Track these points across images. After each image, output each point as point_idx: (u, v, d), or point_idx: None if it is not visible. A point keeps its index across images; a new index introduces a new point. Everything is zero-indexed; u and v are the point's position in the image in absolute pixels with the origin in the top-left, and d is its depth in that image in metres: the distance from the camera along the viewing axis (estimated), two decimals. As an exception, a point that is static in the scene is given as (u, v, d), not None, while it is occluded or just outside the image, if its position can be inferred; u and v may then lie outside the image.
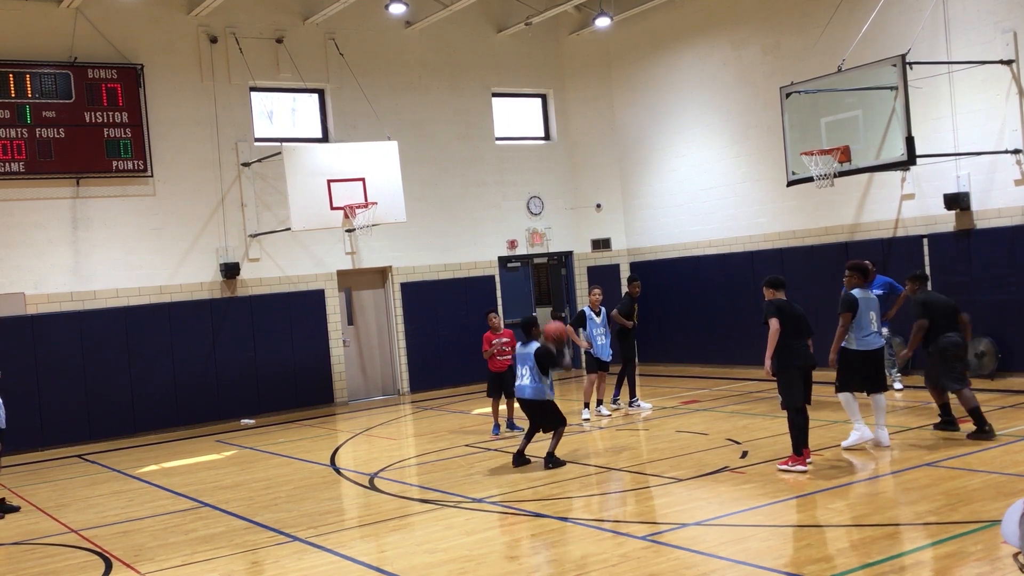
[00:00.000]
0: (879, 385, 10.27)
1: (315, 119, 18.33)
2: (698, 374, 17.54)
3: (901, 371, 14.26)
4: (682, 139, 19.09)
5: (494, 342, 12.79)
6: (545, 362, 10.47)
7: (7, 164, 15.25)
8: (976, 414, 10.15)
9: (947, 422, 10.65)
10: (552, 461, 10.36)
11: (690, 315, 19.03)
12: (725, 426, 12.22)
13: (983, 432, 10.08)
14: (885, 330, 14.02)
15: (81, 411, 15.52)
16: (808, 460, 9.37)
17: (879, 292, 13.82)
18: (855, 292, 10.33)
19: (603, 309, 13.86)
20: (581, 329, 13.82)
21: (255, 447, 13.88)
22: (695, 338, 18.93)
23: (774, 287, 9.80)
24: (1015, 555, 5.07)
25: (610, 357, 13.83)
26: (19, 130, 15.34)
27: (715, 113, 18.43)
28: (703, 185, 18.67)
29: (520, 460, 10.57)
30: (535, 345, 10.64)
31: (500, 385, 12.70)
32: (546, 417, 10.63)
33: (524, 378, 10.62)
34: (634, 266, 20.35)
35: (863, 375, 10.21)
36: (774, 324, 9.36)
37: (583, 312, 13.83)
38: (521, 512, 8.71)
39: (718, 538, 7.42)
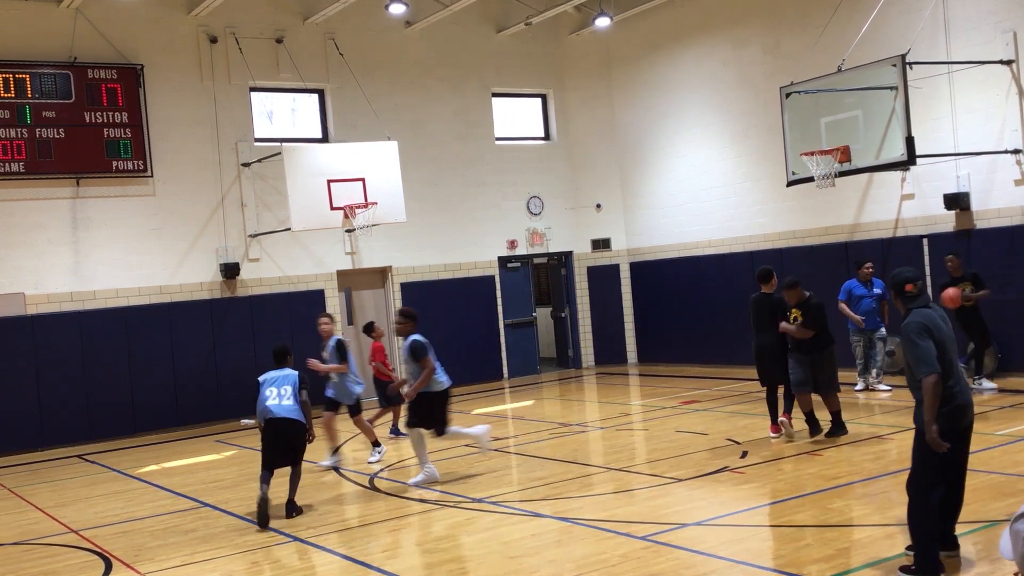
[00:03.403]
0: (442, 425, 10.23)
1: (315, 119, 18.32)
2: (697, 374, 17.54)
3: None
4: (682, 139, 19.10)
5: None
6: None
7: (7, 164, 15.25)
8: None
9: (817, 425, 10.99)
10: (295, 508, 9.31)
11: (690, 315, 19.03)
12: (725, 426, 12.22)
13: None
14: (883, 330, 14.07)
15: (81, 411, 15.52)
16: (775, 434, 11.01)
17: (880, 292, 13.95)
18: (417, 337, 10.25)
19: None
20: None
21: (255, 447, 13.85)
22: (695, 338, 18.94)
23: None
24: (1015, 574, 5.06)
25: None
26: (19, 130, 15.34)
27: (715, 113, 18.43)
28: (703, 185, 18.68)
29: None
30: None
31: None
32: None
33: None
34: (634, 266, 20.36)
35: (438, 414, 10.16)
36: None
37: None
38: (521, 512, 8.71)
39: (718, 538, 7.42)
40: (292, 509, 9.20)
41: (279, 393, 9.45)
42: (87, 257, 15.92)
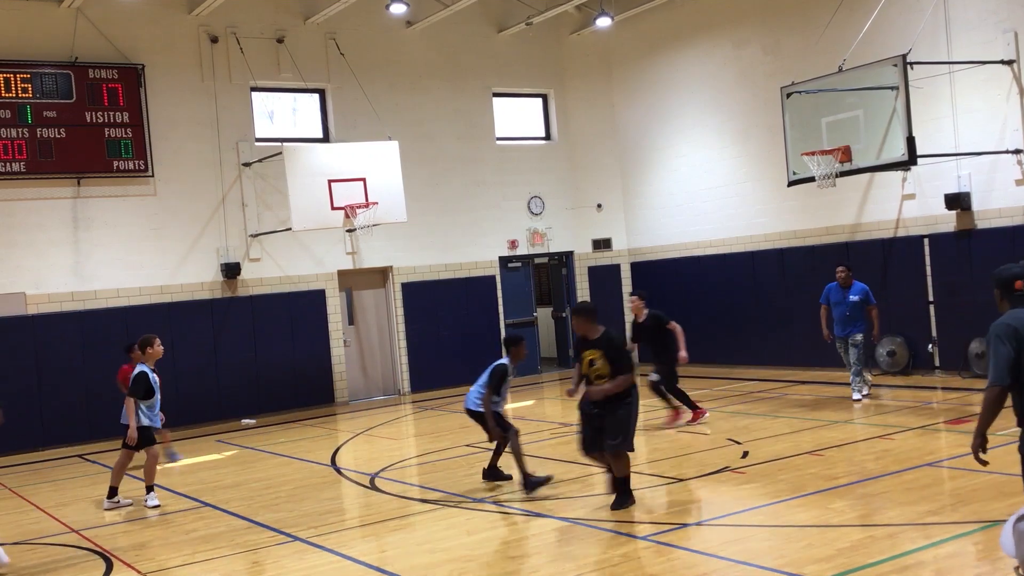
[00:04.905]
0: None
1: (316, 119, 18.32)
2: (699, 374, 17.51)
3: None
4: (683, 139, 19.10)
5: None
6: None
7: (8, 164, 15.25)
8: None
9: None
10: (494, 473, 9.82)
11: (690, 315, 18.90)
12: (726, 426, 12.22)
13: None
14: (860, 336, 13.06)
15: (82, 411, 15.51)
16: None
17: (856, 298, 13.18)
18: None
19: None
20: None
21: (256, 447, 13.87)
22: (695, 338, 18.69)
23: None
24: (1016, 568, 5.05)
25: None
26: (20, 130, 15.34)
27: (716, 113, 18.43)
28: (704, 185, 18.68)
29: (493, 474, 9.87)
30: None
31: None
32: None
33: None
34: (634, 266, 20.36)
35: None
36: None
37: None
38: (522, 512, 8.71)
39: (719, 538, 7.42)
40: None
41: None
42: (88, 257, 15.92)
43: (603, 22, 18.59)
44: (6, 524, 10.06)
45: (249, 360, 16.95)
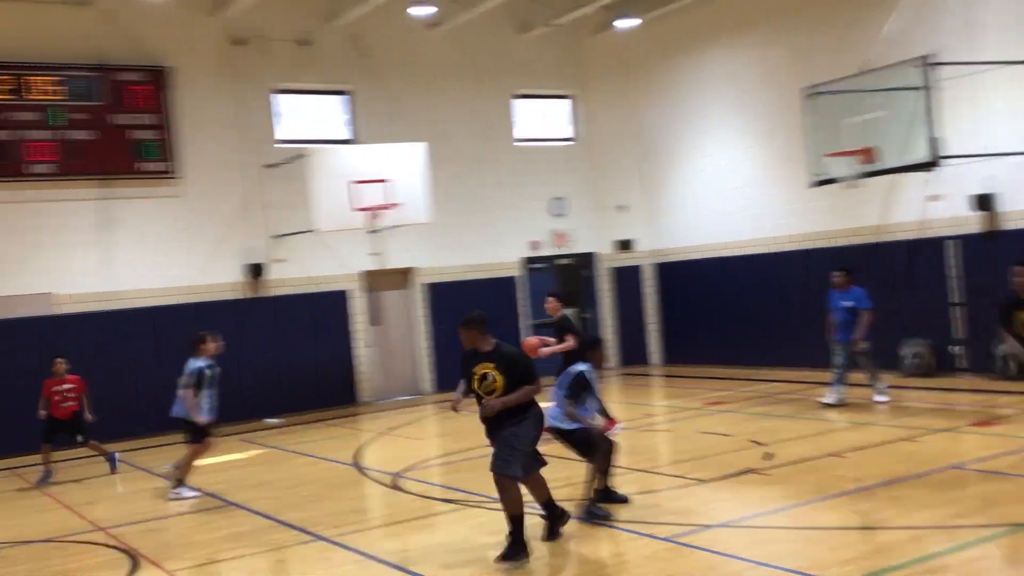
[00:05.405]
0: None
1: (340, 121, 18.41)
2: (723, 375, 17.47)
3: None
4: (707, 139, 19.02)
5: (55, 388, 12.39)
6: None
7: (37, 166, 15.44)
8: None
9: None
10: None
11: (715, 316, 18.97)
12: (750, 427, 12.17)
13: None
14: (865, 344, 12.88)
15: (108, 410, 15.61)
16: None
17: (847, 304, 12.94)
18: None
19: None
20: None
21: (280, 446, 13.96)
22: (720, 339, 18.87)
23: None
24: None
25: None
26: (49, 132, 15.52)
27: (740, 113, 18.35)
28: (728, 186, 18.58)
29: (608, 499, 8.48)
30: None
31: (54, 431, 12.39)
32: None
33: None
34: (658, 267, 20.31)
35: None
36: None
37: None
38: (541, 514, 8.70)
39: (742, 540, 7.40)
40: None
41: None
42: (114, 258, 16.08)
43: (625, 23, 18.56)
44: (36, 522, 10.19)
45: (273, 360, 17.05)
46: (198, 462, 10.98)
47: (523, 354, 7.81)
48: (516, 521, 7.22)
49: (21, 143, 15.32)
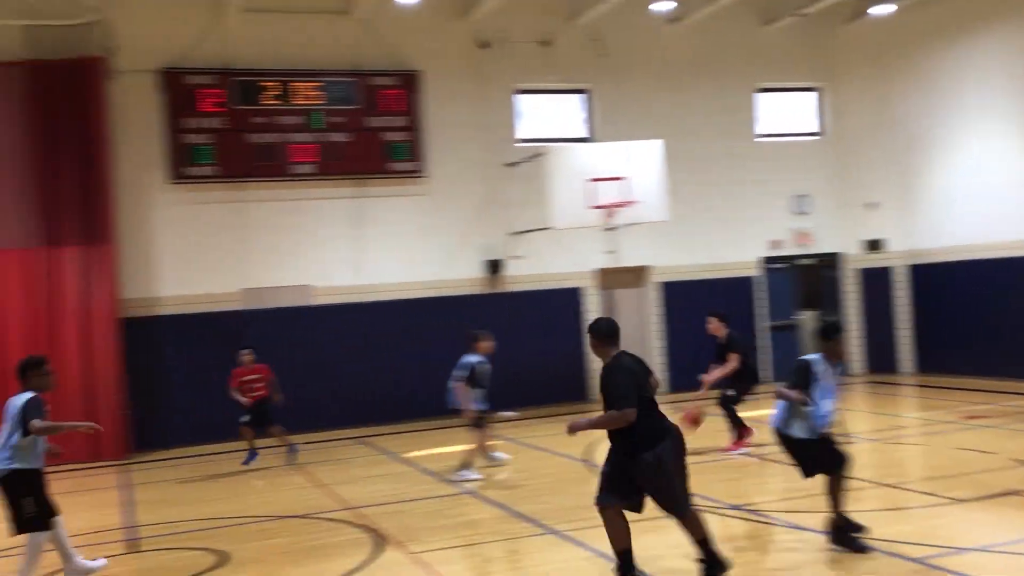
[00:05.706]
0: None
1: (579, 119, 18.58)
2: (984, 387, 16.13)
3: None
4: (971, 132, 17.55)
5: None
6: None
7: (299, 167, 16.63)
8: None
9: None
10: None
11: (976, 322, 17.51)
12: (1013, 445, 11.17)
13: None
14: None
15: (361, 397, 16.66)
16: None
17: None
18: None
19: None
20: None
21: (514, 439, 14.28)
22: (981, 348, 17.39)
23: None
24: None
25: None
26: (310, 135, 16.68)
27: (1009, 104, 16.82)
28: (995, 182, 17.07)
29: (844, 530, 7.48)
30: None
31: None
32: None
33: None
34: (913, 269, 19.02)
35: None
36: None
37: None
38: (783, 525, 8.38)
39: (1000, 565, 6.81)
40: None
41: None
42: (365, 254, 17.05)
43: (881, 10, 17.54)
44: (292, 498, 10.98)
45: (506, 355, 17.40)
46: (474, 447, 11.51)
47: (612, 374, 6.93)
48: (705, 543, 6.69)
49: (286, 145, 16.55)
